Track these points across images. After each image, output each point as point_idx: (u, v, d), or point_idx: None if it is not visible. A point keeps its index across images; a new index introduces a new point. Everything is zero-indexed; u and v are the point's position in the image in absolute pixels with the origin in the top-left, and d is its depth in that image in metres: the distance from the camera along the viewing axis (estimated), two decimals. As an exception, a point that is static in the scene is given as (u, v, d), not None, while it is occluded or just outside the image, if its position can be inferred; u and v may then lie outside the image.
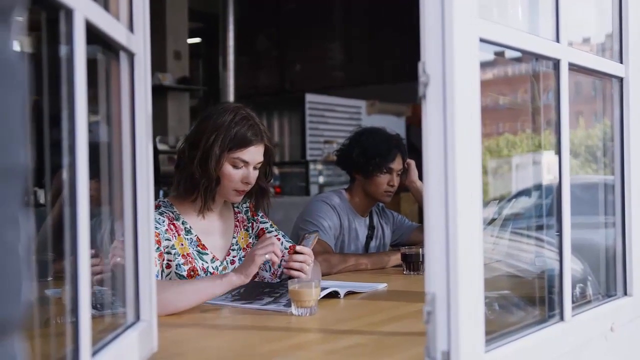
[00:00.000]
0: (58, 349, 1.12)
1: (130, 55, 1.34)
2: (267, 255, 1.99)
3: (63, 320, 1.42)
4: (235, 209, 2.42)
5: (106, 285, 1.48)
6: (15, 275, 0.52)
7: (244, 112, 2.23)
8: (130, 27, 1.34)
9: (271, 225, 2.46)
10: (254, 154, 2.23)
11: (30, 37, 0.96)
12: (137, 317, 1.36)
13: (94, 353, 1.07)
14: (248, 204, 2.45)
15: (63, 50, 1.00)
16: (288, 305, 1.91)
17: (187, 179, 2.22)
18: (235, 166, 2.21)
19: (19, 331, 0.54)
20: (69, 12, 0.98)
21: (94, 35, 1.10)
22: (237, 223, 2.40)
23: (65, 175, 1.00)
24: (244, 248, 2.37)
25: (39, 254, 1.13)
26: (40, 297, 1.34)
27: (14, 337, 0.53)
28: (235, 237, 2.37)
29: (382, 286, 2.36)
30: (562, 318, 1.50)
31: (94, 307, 1.14)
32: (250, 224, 2.43)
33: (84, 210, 1.00)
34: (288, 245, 2.40)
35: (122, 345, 1.22)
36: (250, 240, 2.41)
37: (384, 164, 2.98)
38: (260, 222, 2.45)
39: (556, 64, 1.51)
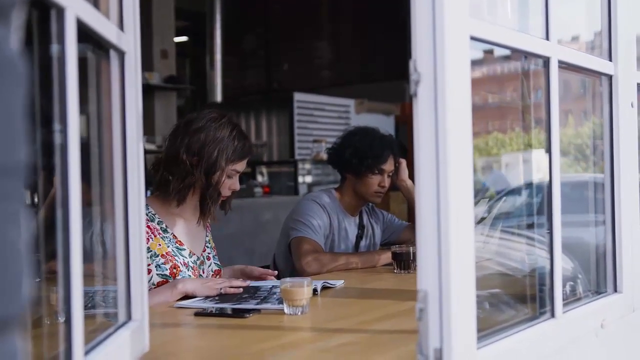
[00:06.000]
0: (49, 348, 1.12)
1: (121, 54, 1.33)
2: (222, 290, 2.14)
3: (52, 321, 1.41)
4: None
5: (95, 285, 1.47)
6: (17, 273, 0.52)
7: (238, 125, 2.35)
8: (121, 26, 1.33)
9: None
10: (245, 164, 2.36)
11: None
12: (129, 317, 1.36)
13: (86, 352, 1.07)
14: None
15: (54, 48, 1.00)
16: (281, 301, 1.91)
17: (188, 188, 2.28)
18: (229, 176, 2.31)
19: (19, 328, 0.54)
20: (60, 11, 0.98)
21: (84, 34, 1.09)
22: (207, 223, 2.48)
23: (56, 175, 0.99)
24: (213, 247, 2.49)
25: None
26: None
27: (15, 334, 0.53)
28: (207, 236, 2.48)
29: (339, 283, 2.37)
30: (553, 315, 1.51)
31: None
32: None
33: (76, 210, 0.99)
34: (215, 268, 2.47)
35: (114, 344, 1.22)
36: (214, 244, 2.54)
37: (376, 165, 2.97)
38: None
39: (546, 61, 1.52)
